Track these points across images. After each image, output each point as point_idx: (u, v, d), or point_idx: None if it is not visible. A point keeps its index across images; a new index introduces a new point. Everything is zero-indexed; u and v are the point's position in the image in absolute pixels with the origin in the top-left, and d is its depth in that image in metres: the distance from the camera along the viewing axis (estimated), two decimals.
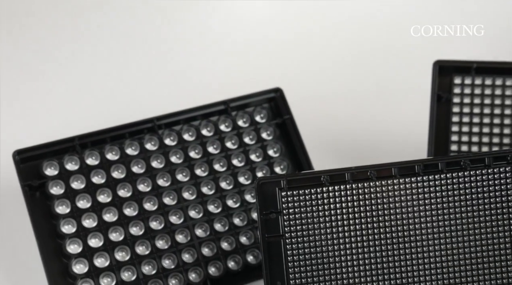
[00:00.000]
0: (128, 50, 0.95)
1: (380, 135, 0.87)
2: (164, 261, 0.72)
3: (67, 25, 0.96)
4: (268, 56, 0.95)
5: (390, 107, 0.90)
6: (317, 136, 0.86)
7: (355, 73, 0.93)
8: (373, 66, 0.94)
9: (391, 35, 0.96)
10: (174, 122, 0.76)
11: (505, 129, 0.75)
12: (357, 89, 0.92)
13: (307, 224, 0.61)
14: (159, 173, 0.74)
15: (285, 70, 0.93)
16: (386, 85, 0.92)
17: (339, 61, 0.94)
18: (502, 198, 0.61)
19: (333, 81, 0.93)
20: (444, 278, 0.61)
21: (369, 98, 0.91)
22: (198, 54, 0.95)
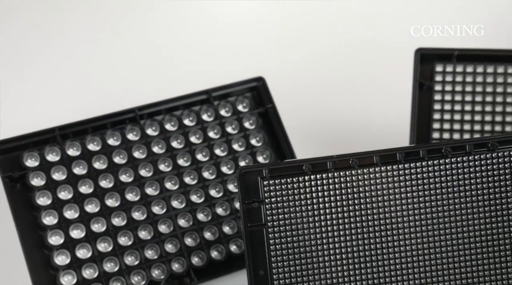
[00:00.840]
0: (109, 41, 0.94)
1: (362, 124, 0.87)
2: (147, 251, 0.71)
3: (46, 16, 0.95)
4: (250, 45, 0.95)
5: (372, 95, 0.90)
6: (300, 125, 0.86)
7: (337, 62, 0.93)
8: (354, 55, 0.94)
9: (373, 25, 0.96)
10: (156, 112, 0.76)
11: (486, 116, 0.75)
12: (339, 78, 0.92)
13: (289, 213, 0.61)
14: (141, 164, 0.74)
15: (268, 59, 0.93)
16: (368, 73, 0.92)
17: (321, 50, 0.94)
18: (483, 185, 0.61)
19: (315, 70, 0.92)
20: (426, 265, 0.61)
21: (351, 86, 0.91)
22: (180, 44, 0.94)
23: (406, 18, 0.93)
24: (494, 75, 0.75)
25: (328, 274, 0.61)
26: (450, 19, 0.90)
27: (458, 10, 0.91)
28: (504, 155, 0.61)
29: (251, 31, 0.96)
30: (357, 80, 0.91)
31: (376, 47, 0.94)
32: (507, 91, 0.75)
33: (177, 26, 0.96)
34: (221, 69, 0.91)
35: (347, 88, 0.90)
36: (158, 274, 0.71)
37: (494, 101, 0.76)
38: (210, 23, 0.97)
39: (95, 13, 0.96)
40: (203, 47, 0.94)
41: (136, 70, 0.91)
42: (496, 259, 0.61)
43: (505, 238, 0.61)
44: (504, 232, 0.61)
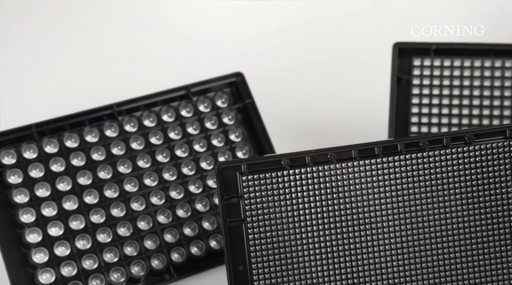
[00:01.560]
0: (87, 36, 0.94)
1: (341, 118, 0.87)
2: (126, 248, 0.71)
3: (23, 11, 0.94)
4: (229, 41, 0.94)
5: (351, 90, 0.90)
6: (279, 120, 0.86)
7: (315, 57, 0.93)
8: (333, 50, 0.94)
9: (350, 18, 0.96)
10: (134, 108, 0.75)
11: (464, 110, 0.76)
12: (318, 73, 0.92)
13: (268, 208, 0.61)
14: (120, 160, 0.73)
15: (247, 54, 0.93)
16: (347, 68, 0.92)
17: (299, 45, 0.94)
18: (460, 178, 0.61)
19: (294, 66, 0.92)
20: (404, 258, 0.61)
21: (330, 81, 0.91)
22: (159, 39, 0.94)
23: (387, 13, 0.94)
24: (471, 68, 0.76)
25: (307, 269, 0.61)
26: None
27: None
28: (481, 148, 0.61)
29: (230, 27, 0.96)
30: (335, 75, 0.91)
31: (355, 41, 0.94)
32: (484, 85, 0.76)
33: (155, 22, 0.96)
34: (199, 64, 0.90)
35: (326, 83, 0.91)
36: (137, 271, 0.71)
37: (471, 94, 0.76)
38: (188, 18, 0.97)
39: (71, 10, 0.95)
40: (182, 43, 0.94)
41: (114, 66, 0.91)
42: (473, 251, 0.61)
43: (482, 230, 0.61)
44: (482, 224, 0.61)
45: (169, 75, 0.89)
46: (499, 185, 0.61)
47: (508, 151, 0.61)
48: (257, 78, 0.82)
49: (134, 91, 0.77)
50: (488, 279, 0.61)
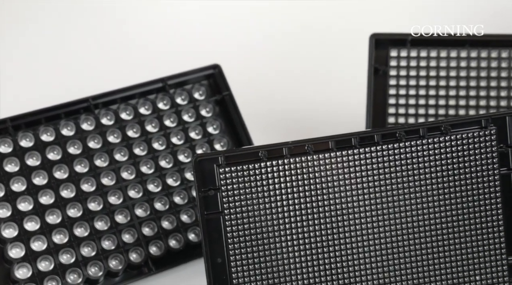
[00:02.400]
0: (62, 29, 0.93)
1: (319, 109, 0.87)
2: (104, 242, 0.71)
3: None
4: (206, 33, 0.94)
5: (328, 81, 0.90)
6: (257, 112, 0.86)
7: (293, 49, 0.93)
8: (310, 42, 0.94)
9: (327, 10, 0.96)
10: (111, 101, 0.75)
11: (440, 100, 0.76)
12: (296, 65, 0.92)
13: (246, 200, 0.61)
14: (96, 154, 0.73)
15: (224, 46, 0.92)
16: (324, 60, 0.92)
17: (276, 37, 0.94)
18: (437, 168, 0.62)
19: (271, 57, 0.92)
20: (382, 248, 0.61)
21: (308, 73, 0.91)
22: (134, 31, 0.93)
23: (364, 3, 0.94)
24: (447, 59, 0.76)
25: (286, 260, 0.61)
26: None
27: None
28: (457, 138, 0.62)
29: (206, 19, 0.96)
30: (313, 67, 0.91)
31: (332, 33, 0.94)
32: (460, 75, 0.76)
33: (131, 13, 0.95)
34: (176, 57, 0.90)
35: (304, 75, 0.91)
36: (115, 265, 0.70)
37: (447, 85, 0.76)
38: (165, 10, 0.96)
39: (46, 3, 0.94)
40: (158, 35, 0.93)
41: (90, 58, 0.90)
42: (450, 241, 0.62)
43: (458, 219, 0.62)
44: (458, 214, 0.62)
45: (146, 67, 0.88)
46: (475, 175, 0.62)
47: (484, 141, 0.62)
48: (235, 70, 0.82)
49: (110, 84, 0.77)
50: (465, 268, 0.62)
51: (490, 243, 0.62)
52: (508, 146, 0.62)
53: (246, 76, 0.89)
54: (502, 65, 0.76)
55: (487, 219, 0.62)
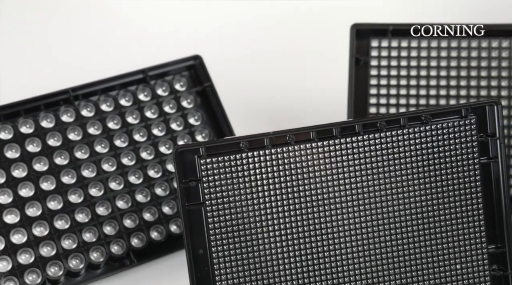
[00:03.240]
0: (42, 20, 0.92)
1: (301, 100, 0.87)
2: (85, 234, 0.70)
3: None
4: (186, 24, 0.93)
5: (310, 72, 0.90)
6: (238, 102, 0.85)
7: (274, 39, 0.93)
8: (291, 32, 0.94)
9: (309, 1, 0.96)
10: (91, 93, 0.74)
11: (421, 90, 0.77)
12: (277, 55, 0.91)
13: (228, 190, 0.61)
14: (77, 146, 0.72)
15: (204, 38, 0.92)
16: (305, 50, 0.92)
17: (257, 27, 0.94)
18: (417, 157, 0.62)
19: (252, 48, 0.92)
20: (363, 238, 0.62)
21: (289, 63, 0.91)
22: (115, 22, 0.93)
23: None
24: (428, 49, 0.76)
25: (268, 251, 0.61)
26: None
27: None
28: (437, 127, 0.62)
29: (187, 10, 0.95)
30: (294, 57, 0.91)
31: (313, 24, 0.94)
32: (441, 65, 0.76)
33: (111, 4, 0.94)
34: (157, 48, 0.89)
35: (285, 65, 0.90)
36: (97, 257, 0.70)
37: (428, 75, 0.77)
38: (146, 0, 0.95)
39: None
40: (139, 26, 0.93)
41: (70, 49, 0.89)
42: (431, 230, 0.62)
43: (439, 209, 0.62)
44: (438, 203, 0.62)
45: (126, 58, 0.88)
46: (455, 164, 0.62)
47: (464, 130, 0.62)
48: (216, 61, 0.81)
49: (90, 75, 0.76)
50: (446, 257, 0.62)
51: (471, 232, 0.62)
52: (488, 135, 0.63)
53: (228, 67, 0.89)
54: (482, 55, 0.76)
55: (467, 208, 0.62)
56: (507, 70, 0.76)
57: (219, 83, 0.78)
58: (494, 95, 0.76)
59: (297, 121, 0.76)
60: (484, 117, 0.63)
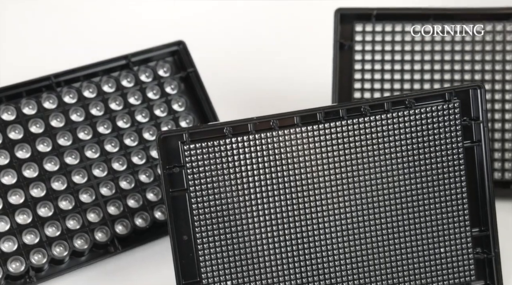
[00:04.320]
0: (23, 4, 0.91)
1: (285, 86, 0.87)
2: (69, 221, 0.70)
3: None
4: (170, 9, 0.93)
5: (294, 57, 0.90)
6: (223, 88, 0.85)
7: (258, 24, 0.93)
8: (276, 16, 0.93)
9: None
10: (74, 79, 0.74)
11: (405, 74, 0.76)
12: (261, 41, 0.91)
13: (212, 176, 0.61)
14: (60, 132, 0.72)
15: (188, 23, 0.91)
16: (290, 35, 0.91)
17: (241, 13, 0.93)
18: (401, 142, 0.62)
19: (236, 33, 0.92)
20: (348, 223, 0.62)
21: (273, 49, 0.91)
22: (97, 7, 0.92)
23: None
24: (412, 33, 0.76)
25: (252, 236, 0.61)
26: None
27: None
28: (421, 111, 0.62)
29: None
30: (278, 42, 0.91)
31: (297, 8, 0.94)
32: (425, 49, 0.76)
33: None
34: (140, 33, 0.89)
35: (269, 50, 0.90)
36: (81, 244, 0.70)
37: (412, 59, 0.77)
38: None
39: None
40: (122, 11, 0.92)
41: (52, 35, 0.88)
42: (415, 214, 0.62)
43: (423, 193, 0.62)
44: (422, 187, 0.62)
45: (109, 44, 0.87)
46: (439, 148, 0.62)
47: (447, 114, 0.62)
48: (199, 46, 0.81)
49: (73, 61, 0.75)
50: (430, 240, 0.62)
51: (454, 215, 0.62)
52: (471, 119, 0.63)
53: (211, 53, 0.88)
54: (466, 39, 0.76)
55: (451, 192, 0.62)
56: (491, 54, 0.76)
57: (203, 69, 0.78)
58: (478, 79, 0.76)
59: (282, 107, 0.75)
60: (467, 101, 0.63)
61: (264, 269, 0.61)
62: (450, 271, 0.62)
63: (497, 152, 0.76)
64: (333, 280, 0.62)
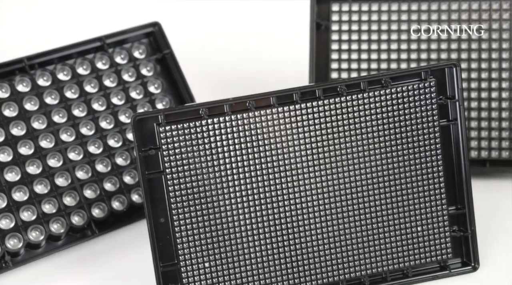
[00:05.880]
0: None
1: (262, 66, 0.87)
2: (44, 206, 0.69)
3: None
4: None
5: (271, 37, 0.89)
6: (199, 69, 0.85)
7: (234, 4, 0.92)
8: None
9: None
10: (47, 61, 0.73)
11: (382, 54, 0.76)
12: (237, 21, 0.90)
13: (188, 158, 0.60)
14: (34, 116, 0.71)
15: (163, 4, 0.90)
16: (266, 15, 0.91)
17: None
18: (378, 121, 0.62)
19: (212, 14, 0.91)
20: (325, 202, 0.62)
21: (250, 29, 0.90)
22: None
23: None
24: (388, 13, 0.76)
25: (229, 217, 0.61)
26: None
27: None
28: (397, 90, 0.62)
29: None
30: (255, 22, 0.90)
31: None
32: (401, 29, 0.76)
33: None
34: (115, 15, 0.88)
35: (246, 31, 0.90)
36: (57, 228, 0.69)
37: (389, 39, 0.76)
38: None
39: None
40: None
41: (24, 17, 0.87)
42: (392, 193, 0.62)
43: (400, 172, 0.62)
44: (399, 166, 0.62)
45: (83, 26, 0.86)
46: (415, 127, 0.62)
47: (424, 93, 0.62)
48: (175, 27, 0.80)
49: (46, 43, 0.74)
50: (407, 219, 0.62)
51: (431, 194, 0.63)
52: (447, 98, 0.63)
53: (187, 34, 0.87)
54: (442, 17, 0.76)
55: (427, 170, 0.62)
56: (467, 33, 0.76)
57: (179, 51, 0.77)
58: (455, 57, 0.76)
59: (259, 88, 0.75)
60: (443, 79, 0.63)
61: (242, 251, 0.61)
62: (427, 249, 0.63)
63: (473, 131, 0.76)
64: (311, 260, 0.62)
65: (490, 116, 0.76)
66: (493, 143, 0.76)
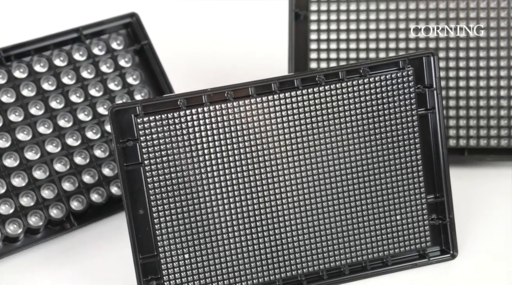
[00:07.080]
0: None
1: (240, 57, 0.86)
2: (22, 199, 0.68)
3: None
4: None
5: (249, 27, 0.89)
6: (178, 60, 0.84)
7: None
8: None
9: None
10: (24, 53, 0.72)
11: (361, 43, 0.76)
12: (216, 11, 0.90)
13: (166, 149, 0.60)
14: (11, 108, 0.70)
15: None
16: (244, 5, 0.91)
17: None
18: (356, 110, 0.62)
19: (190, 3, 0.90)
20: (304, 192, 0.62)
21: (227, 19, 0.90)
22: None
23: None
24: (366, 2, 0.76)
25: (209, 208, 0.61)
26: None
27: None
28: (376, 80, 0.62)
29: None
30: (233, 12, 0.90)
31: None
32: (380, 18, 0.76)
33: None
34: (92, 5, 0.87)
35: (224, 21, 0.89)
36: (35, 221, 0.68)
37: (367, 28, 0.76)
38: None
39: None
40: None
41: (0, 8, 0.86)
42: (371, 182, 0.62)
43: (378, 161, 0.62)
44: (378, 155, 0.62)
45: (59, 16, 0.85)
46: (393, 116, 0.62)
47: (402, 82, 0.62)
48: (153, 18, 0.80)
49: (22, 34, 0.74)
50: (386, 208, 0.63)
51: (410, 183, 0.63)
52: (425, 86, 0.63)
53: (165, 24, 0.87)
54: (420, 6, 0.76)
55: (406, 159, 0.62)
56: (445, 21, 0.76)
57: (157, 41, 0.76)
58: (433, 47, 0.76)
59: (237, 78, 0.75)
60: (421, 68, 0.63)
61: (222, 241, 0.61)
62: (406, 238, 0.63)
63: (452, 120, 0.76)
64: (291, 250, 0.62)
65: (468, 105, 0.76)
66: (471, 131, 0.76)
